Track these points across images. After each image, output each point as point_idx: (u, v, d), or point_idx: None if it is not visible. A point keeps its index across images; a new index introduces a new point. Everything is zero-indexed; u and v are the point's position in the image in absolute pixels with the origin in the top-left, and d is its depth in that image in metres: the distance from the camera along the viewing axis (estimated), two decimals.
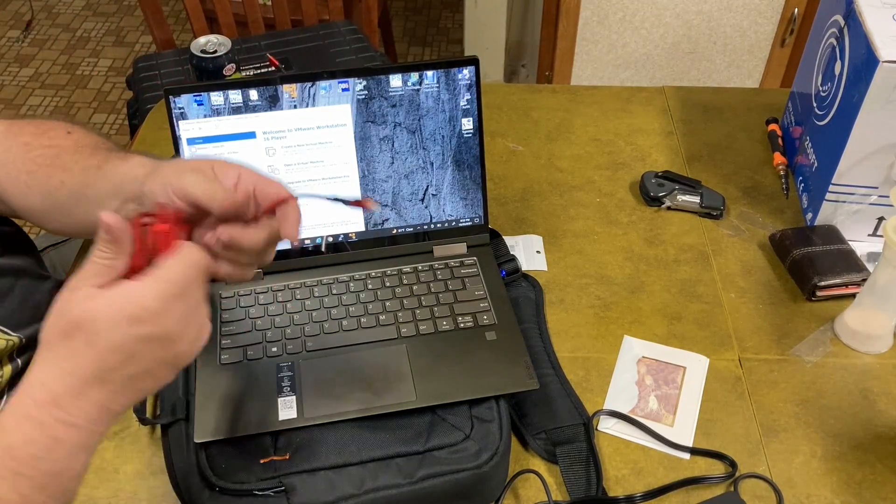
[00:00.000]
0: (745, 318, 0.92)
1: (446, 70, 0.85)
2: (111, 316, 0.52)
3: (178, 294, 0.55)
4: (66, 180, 0.78)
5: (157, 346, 0.54)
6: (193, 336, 0.56)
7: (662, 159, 1.13)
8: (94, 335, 0.52)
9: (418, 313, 0.83)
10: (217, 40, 1.36)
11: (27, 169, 0.81)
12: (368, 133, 0.86)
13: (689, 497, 0.75)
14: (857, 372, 0.86)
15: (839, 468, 0.78)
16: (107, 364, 0.53)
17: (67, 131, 0.83)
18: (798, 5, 1.93)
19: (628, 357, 0.87)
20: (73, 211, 0.80)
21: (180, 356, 0.57)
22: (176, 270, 0.55)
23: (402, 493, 0.69)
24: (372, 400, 0.75)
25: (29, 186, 0.81)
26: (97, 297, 0.53)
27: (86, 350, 0.52)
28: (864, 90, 0.87)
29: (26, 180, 0.81)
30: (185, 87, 0.82)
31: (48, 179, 0.80)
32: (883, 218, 0.98)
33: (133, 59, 2.20)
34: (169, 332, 0.54)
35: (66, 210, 0.80)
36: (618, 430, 0.81)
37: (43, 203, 0.81)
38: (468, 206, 0.91)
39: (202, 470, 0.69)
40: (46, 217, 0.83)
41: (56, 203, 0.80)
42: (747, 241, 1.01)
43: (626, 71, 2.13)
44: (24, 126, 0.84)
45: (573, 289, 0.95)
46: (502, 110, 1.22)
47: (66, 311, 0.53)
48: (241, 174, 0.65)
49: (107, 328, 0.52)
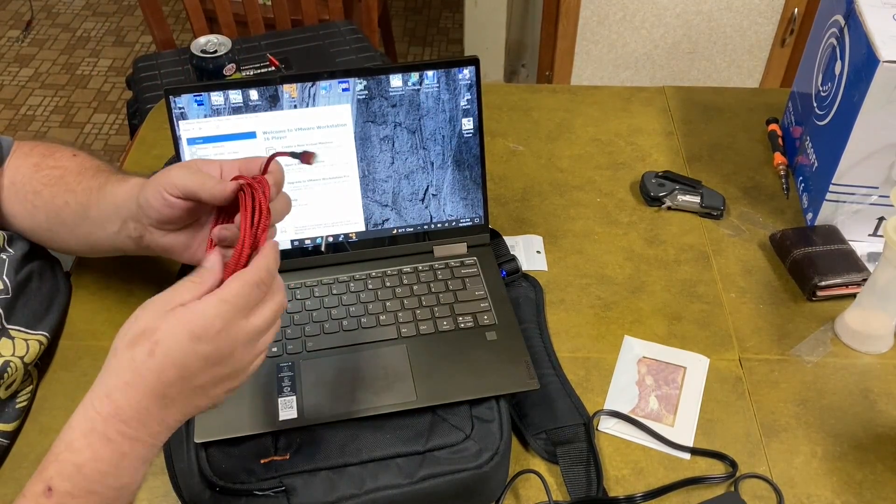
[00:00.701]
0: (745, 318, 0.92)
1: (446, 70, 0.85)
2: (174, 331, 0.53)
3: (239, 315, 0.56)
4: (70, 201, 0.82)
5: (214, 366, 0.56)
6: (249, 360, 0.58)
7: (663, 159, 1.13)
8: (156, 346, 0.53)
9: (418, 313, 0.83)
10: (217, 40, 1.36)
11: (34, 189, 0.84)
12: (369, 133, 0.86)
13: (689, 497, 0.75)
14: (857, 372, 0.86)
15: (840, 468, 0.78)
16: (166, 378, 0.54)
17: (73, 154, 0.87)
18: (798, 5, 1.93)
19: (629, 357, 0.87)
20: (76, 230, 0.83)
21: (234, 378, 0.58)
22: (239, 292, 0.56)
23: (403, 494, 0.69)
24: (372, 400, 0.75)
25: (35, 206, 0.84)
26: (171, 313, 0.54)
27: (147, 361, 0.53)
28: (865, 90, 0.87)
29: (33, 200, 0.84)
30: (186, 87, 0.82)
31: (53, 199, 0.83)
32: (883, 218, 0.98)
33: (133, 59, 2.20)
34: (226, 353, 0.56)
35: (70, 229, 0.83)
36: (618, 431, 0.81)
37: (48, 222, 0.84)
38: (468, 206, 0.91)
39: (202, 470, 0.69)
40: (51, 236, 0.86)
41: (61, 222, 0.83)
42: (748, 241, 1.01)
43: (626, 71, 2.13)
44: (35, 147, 0.88)
45: (573, 289, 0.95)
46: (502, 110, 1.22)
47: (135, 322, 0.55)
48: (222, 165, 0.69)
49: (169, 342, 0.53)
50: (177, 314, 0.54)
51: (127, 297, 0.92)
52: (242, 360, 0.58)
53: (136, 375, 0.54)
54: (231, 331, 0.55)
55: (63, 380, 0.84)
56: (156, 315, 0.55)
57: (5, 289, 0.82)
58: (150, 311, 0.55)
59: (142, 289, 0.92)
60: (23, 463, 0.77)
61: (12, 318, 0.82)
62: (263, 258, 0.59)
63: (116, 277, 0.93)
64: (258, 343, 0.59)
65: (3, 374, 0.78)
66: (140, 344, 0.54)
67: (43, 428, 0.80)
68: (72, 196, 0.82)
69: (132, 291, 0.92)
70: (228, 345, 0.56)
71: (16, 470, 0.77)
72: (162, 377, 0.54)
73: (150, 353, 0.53)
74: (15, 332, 0.82)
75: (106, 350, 0.86)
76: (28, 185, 0.84)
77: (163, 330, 0.54)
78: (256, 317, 0.58)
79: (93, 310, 0.91)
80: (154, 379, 0.54)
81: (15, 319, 0.82)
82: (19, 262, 0.85)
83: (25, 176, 0.85)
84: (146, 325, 0.54)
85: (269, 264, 0.58)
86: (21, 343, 0.81)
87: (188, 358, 0.54)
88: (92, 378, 0.83)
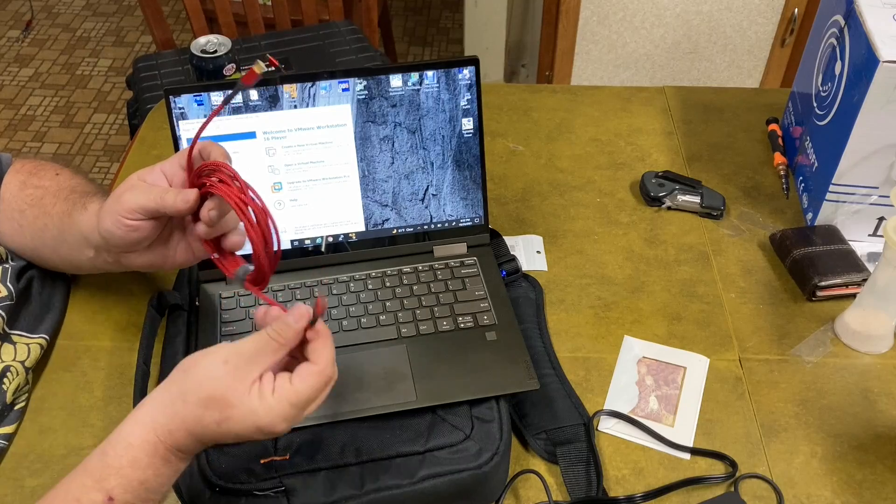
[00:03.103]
0: (745, 319, 0.92)
1: (446, 70, 0.85)
2: (244, 420, 0.58)
3: (300, 411, 0.60)
4: (48, 223, 0.83)
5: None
6: (288, 428, 0.61)
7: (663, 159, 1.13)
8: (226, 421, 0.58)
9: (418, 313, 0.83)
10: (217, 40, 1.36)
11: (19, 208, 0.85)
12: (369, 133, 0.86)
13: (689, 497, 0.75)
14: (857, 372, 0.86)
15: (840, 468, 0.77)
16: (225, 440, 0.60)
17: (56, 172, 0.88)
18: (798, 5, 1.93)
19: (628, 357, 0.87)
20: (58, 251, 0.85)
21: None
22: (309, 395, 0.60)
23: (403, 494, 0.69)
24: (372, 400, 0.75)
25: (21, 225, 0.85)
26: (248, 396, 0.58)
27: (214, 427, 0.58)
28: (865, 90, 0.87)
29: (18, 219, 0.85)
30: (185, 87, 0.82)
31: (35, 221, 0.84)
32: (883, 218, 0.98)
33: (133, 59, 2.20)
34: (279, 433, 0.60)
35: (53, 250, 0.85)
36: (618, 431, 0.81)
37: (33, 241, 0.85)
38: (468, 206, 0.91)
39: (202, 470, 0.69)
40: (37, 255, 0.88)
41: (43, 244, 0.85)
42: (748, 241, 1.01)
43: (626, 71, 2.13)
44: (24, 164, 0.88)
45: (573, 289, 0.95)
46: (502, 110, 1.21)
47: (219, 385, 0.58)
48: (163, 169, 0.72)
49: (237, 426, 0.58)
50: (253, 403, 0.58)
51: (127, 298, 0.92)
52: (290, 427, 0.61)
53: (202, 432, 0.59)
54: (290, 424, 0.60)
55: (63, 380, 0.84)
56: (236, 385, 0.58)
57: (9, 295, 0.82)
58: (232, 378, 0.58)
59: (142, 289, 0.92)
60: (22, 463, 0.77)
61: (15, 324, 0.82)
62: (327, 350, 0.61)
63: (116, 277, 0.92)
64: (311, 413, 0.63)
65: (3, 378, 0.78)
66: (212, 410, 0.58)
67: (42, 428, 0.80)
68: (49, 219, 0.82)
69: (132, 291, 0.92)
70: (287, 429, 0.60)
71: (16, 470, 0.76)
72: (220, 440, 0.60)
73: (218, 423, 0.58)
74: (17, 338, 0.82)
75: (106, 350, 0.87)
76: (14, 203, 0.85)
77: (237, 411, 0.58)
78: (313, 406, 0.62)
79: (92, 310, 0.91)
80: (213, 439, 0.60)
81: (17, 325, 0.83)
82: (21, 270, 0.86)
83: (12, 194, 0.85)
84: (225, 393, 0.58)
85: (332, 356, 0.62)
86: (22, 347, 0.81)
87: (250, 436, 0.60)
88: (91, 378, 0.84)
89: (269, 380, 0.59)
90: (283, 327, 0.60)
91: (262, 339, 0.60)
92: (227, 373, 0.58)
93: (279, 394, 0.58)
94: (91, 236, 0.77)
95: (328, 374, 0.61)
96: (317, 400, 0.61)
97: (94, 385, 0.84)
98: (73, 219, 0.79)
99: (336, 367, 0.62)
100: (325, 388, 0.61)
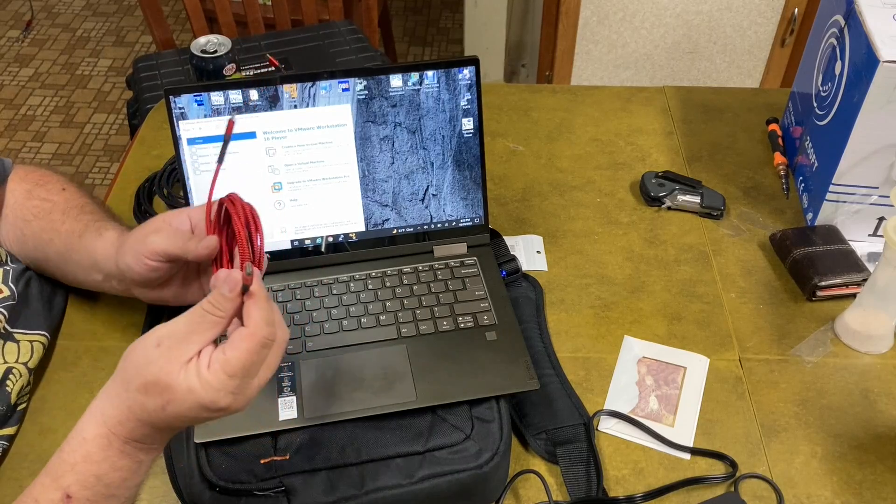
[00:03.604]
0: (745, 319, 0.92)
1: (446, 70, 0.85)
2: (186, 399, 0.56)
3: (247, 380, 0.58)
4: (54, 239, 0.84)
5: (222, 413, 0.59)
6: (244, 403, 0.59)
7: (663, 159, 1.13)
8: (168, 404, 0.56)
9: (418, 313, 0.83)
10: (217, 40, 1.36)
11: (24, 217, 0.86)
12: (369, 133, 0.86)
13: (689, 497, 0.75)
14: (857, 372, 0.86)
15: (840, 468, 0.77)
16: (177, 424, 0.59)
17: (62, 187, 0.88)
18: (798, 5, 1.93)
19: (628, 357, 0.87)
20: (62, 268, 0.86)
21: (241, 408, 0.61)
22: (245, 361, 0.57)
23: (403, 494, 0.69)
24: (372, 400, 0.75)
25: (25, 234, 0.85)
26: (184, 375, 0.56)
27: (159, 412, 0.57)
28: (865, 90, 0.87)
29: (23, 228, 0.86)
30: (186, 87, 0.82)
31: (41, 233, 0.85)
32: (883, 218, 0.98)
33: (133, 59, 2.20)
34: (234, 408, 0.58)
35: (56, 265, 0.87)
36: (618, 431, 0.81)
37: (36, 252, 0.86)
38: (468, 206, 0.91)
39: (202, 470, 0.69)
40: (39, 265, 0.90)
41: (46, 258, 0.86)
42: (748, 241, 1.01)
43: (626, 71, 2.13)
44: (30, 173, 0.89)
45: (573, 289, 0.95)
46: (502, 110, 1.21)
47: (154, 369, 0.56)
48: (189, 214, 0.74)
49: (180, 407, 0.56)
50: (189, 380, 0.56)
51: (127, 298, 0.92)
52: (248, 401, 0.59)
53: (149, 418, 0.57)
54: (240, 396, 0.58)
55: (63, 380, 0.84)
56: (170, 367, 0.56)
57: (11, 295, 0.83)
58: (165, 360, 0.56)
59: None
60: (23, 463, 0.77)
61: (17, 323, 0.83)
62: (259, 310, 0.58)
63: None
64: (256, 387, 0.60)
65: (6, 379, 0.78)
66: (153, 395, 0.56)
67: (42, 428, 0.80)
68: (56, 235, 0.83)
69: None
70: (238, 403, 0.58)
71: (16, 470, 0.76)
72: (173, 424, 0.58)
73: (162, 408, 0.56)
74: (20, 336, 0.82)
75: (105, 350, 0.87)
76: (19, 211, 0.85)
77: (176, 392, 0.56)
78: (263, 372, 0.59)
79: (92, 310, 0.91)
80: (165, 424, 0.58)
81: (19, 324, 0.83)
82: (22, 272, 0.86)
83: (17, 202, 0.86)
84: (159, 376, 0.56)
85: (266, 316, 0.58)
86: (25, 345, 0.82)
87: (198, 415, 0.57)
88: (91, 378, 0.84)
89: (207, 354, 0.57)
90: (218, 299, 0.57)
91: (195, 316, 0.57)
92: (161, 355, 0.56)
93: (214, 367, 0.56)
94: (104, 264, 0.79)
95: (261, 336, 0.57)
96: (264, 365, 0.58)
97: (94, 385, 0.84)
98: (85, 242, 0.81)
99: (276, 327, 0.58)
100: (262, 351, 0.57)
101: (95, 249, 0.80)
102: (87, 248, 0.81)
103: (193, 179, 0.85)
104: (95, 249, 0.80)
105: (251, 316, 0.58)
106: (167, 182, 1.06)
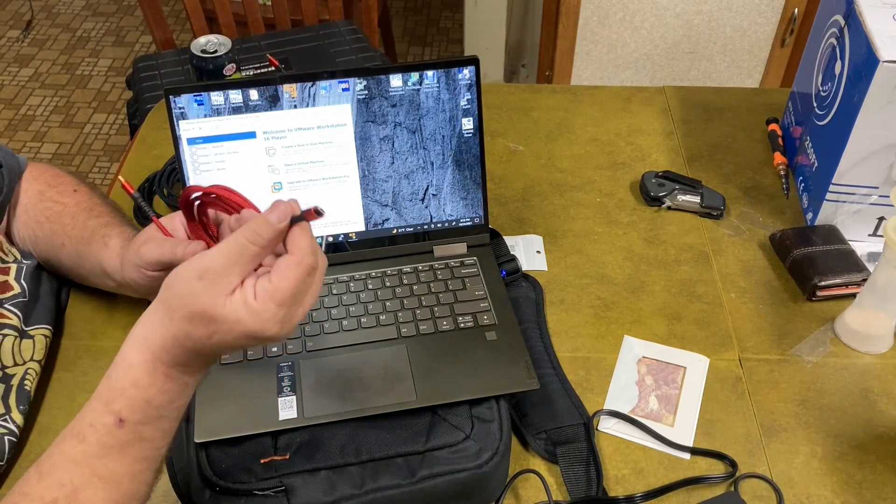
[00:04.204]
0: (745, 318, 0.92)
1: (446, 70, 0.85)
2: (233, 329, 0.56)
3: (293, 309, 0.57)
4: (66, 243, 0.85)
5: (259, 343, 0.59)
6: (289, 331, 0.59)
7: (663, 159, 1.13)
8: (214, 334, 0.56)
9: (418, 313, 0.83)
10: (217, 40, 1.36)
11: (36, 218, 0.87)
12: (369, 133, 0.86)
13: (689, 497, 0.75)
14: (857, 372, 0.86)
15: (839, 468, 0.77)
16: (222, 352, 0.60)
17: (74, 188, 0.89)
18: (798, 5, 1.93)
19: (628, 357, 0.87)
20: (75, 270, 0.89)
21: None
22: (294, 289, 0.56)
23: (403, 493, 0.69)
24: (372, 400, 0.75)
25: (37, 235, 0.87)
26: (231, 306, 0.56)
27: (204, 341, 0.57)
28: (865, 90, 0.87)
29: (35, 229, 0.87)
30: (186, 87, 0.82)
31: (52, 236, 0.86)
32: (883, 218, 0.98)
33: (133, 59, 2.20)
34: (274, 337, 0.58)
35: (69, 268, 0.87)
36: (618, 430, 0.81)
37: (47, 254, 0.88)
38: (468, 206, 0.91)
39: (202, 470, 0.69)
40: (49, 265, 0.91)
41: (59, 259, 0.88)
42: (747, 241, 1.01)
43: (626, 71, 2.13)
44: (43, 172, 0.90)
45: (573, 289, 0.95)
46: (502, 110, 1.21)
47: (199, 300, 0.56)
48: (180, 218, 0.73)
49: (226, 336, 0.56)
50: (237, 312, 0.55)
51: (127, 297, 0.92)
52: (293, 328, 0.59)
53: (193, 346, 0.57)
54: (286, 324, 0.57)
55: (63, 380, 0.84)
56: (215, 300, 0.55)
57: (23, 292, 0.83)
58: (210, 293, 0.55)
59: None
60: (23, 463, 0.77)
61: (30, 320, 0.83)
62: (306, 238, 0.57)
63: None
64: (300, 314, 0.59)
65: (24, 378, 0.79)
66: (198, 325, 0.56)
67: (43, 428, 0.80)
68: (67, 240, 0.84)
69: None
70: (284, 331, 0.58)
71: (16, 470, 0.77)
72: (218, 351, 0.58)
73: (208, 337, 0.56)
74: (34, 332, 0.83)
75: (106, 350, 0.87)
76: (31, 212, 0.87)
77: (223, 324, 0.56)
78: (308, 300, 0.59)
79: (93, 310, 0.91)
80: (210, 351, 0.58)
81: (32, 320, 0.84)
82: (36, 269, 0.87)
83: (30, 202, 0.87)
84: (205, 308, 0.55)
85: (311, 244, 0.58)
86: (39, 340, 0.83)
87: (245, 343, 0.58)
88: (91, 378, 0.84)
89: (251, 284, 0.56)
90: (262, 226, 0.56)
91: (236, 247, 0.56)
92: (205, 288, 0.55)
93: (261, 296, 0.56)
94: (114, 275, 0.80)
95: (308, 263, 0.57)
96: (306, 293, 0.58)
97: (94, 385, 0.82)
98: (93, 251, 0.82)
99: (319, 256, 0.58)
100: (308, 279, 0.57)
101: (102, 259, 0.81)
102: (95, 258, 0.81)
103: (193, 179, 0.85)
104: (102, 259, 0.81)
105: (297, 244, 0.57)
106: (167, 182, 1.06)
